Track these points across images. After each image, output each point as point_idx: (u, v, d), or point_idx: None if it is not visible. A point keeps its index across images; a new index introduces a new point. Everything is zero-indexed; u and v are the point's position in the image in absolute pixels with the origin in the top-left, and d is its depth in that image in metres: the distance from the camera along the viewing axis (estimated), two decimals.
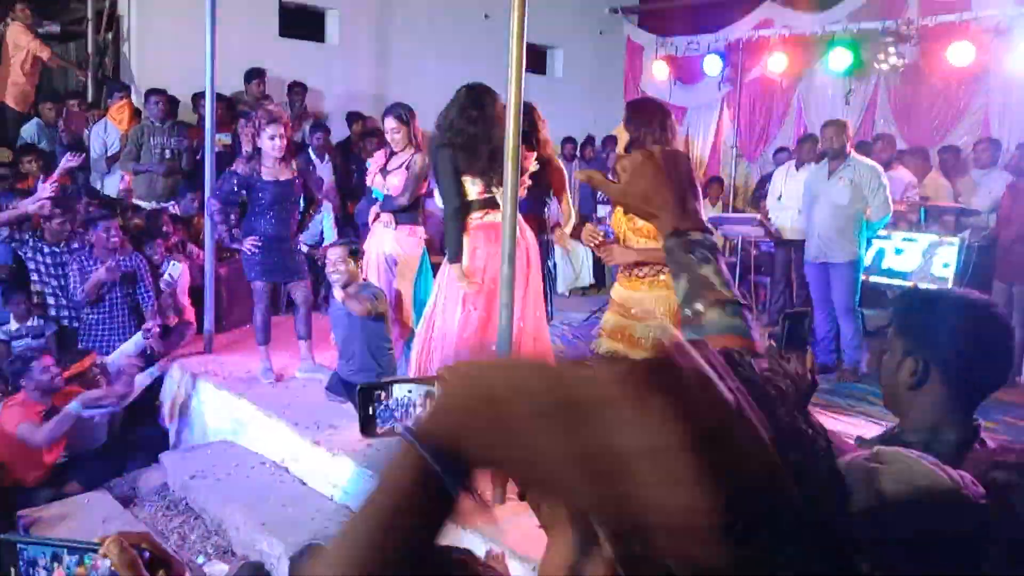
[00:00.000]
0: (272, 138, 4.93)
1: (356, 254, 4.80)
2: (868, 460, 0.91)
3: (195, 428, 5.36)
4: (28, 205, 5.23)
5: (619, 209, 3.65)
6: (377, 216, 5.03)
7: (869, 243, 6.04)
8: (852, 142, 5.99)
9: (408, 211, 4.95)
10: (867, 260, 6.04)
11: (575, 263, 8.58)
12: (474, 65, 9.24)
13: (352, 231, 7.05)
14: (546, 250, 4.75)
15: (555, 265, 8.04)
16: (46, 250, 5.53)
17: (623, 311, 3.57)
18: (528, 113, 4.14)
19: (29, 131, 7.36)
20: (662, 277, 3.46)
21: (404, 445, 0.58)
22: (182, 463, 4.78)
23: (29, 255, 5.53)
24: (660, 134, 3.49)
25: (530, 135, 4.16)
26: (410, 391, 1.18)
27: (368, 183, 5.27)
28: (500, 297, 3.53)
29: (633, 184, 1.11)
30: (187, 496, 4.52)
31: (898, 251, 6.43)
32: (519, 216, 4.01)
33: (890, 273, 6.44)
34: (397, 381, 1.21)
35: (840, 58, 8.47)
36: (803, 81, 9.37)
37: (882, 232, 6.23)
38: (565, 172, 4.71)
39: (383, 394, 1.17)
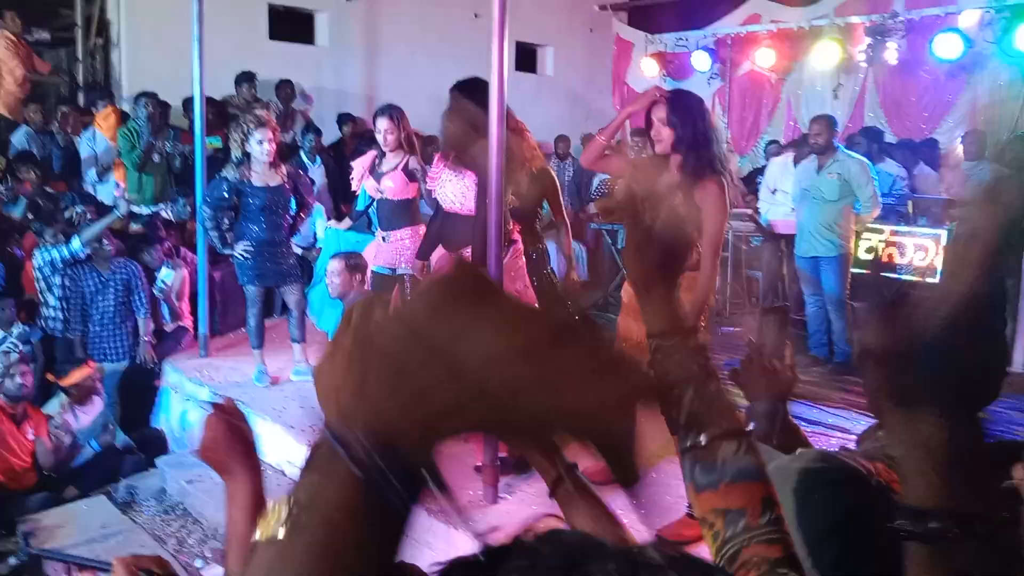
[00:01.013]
0: (260, 143, 4.95)
1: (356, 268, 4.73)
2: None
3: (191, 432, 5.38)
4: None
5: None
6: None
7: (859, 236, 6.09)
8: (841, 136, 6.04)
9: (404, 214, 4.86)
10: (857, 253, 6.08)
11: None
12: (464, 64, 9.22)
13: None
14: (543, 258, 4.56)
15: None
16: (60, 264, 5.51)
17: (633, 313, 3.47)
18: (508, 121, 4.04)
19: (19, 138, 7.30)
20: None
21: (327, 451, 0.49)
22: (179, 467, 4.80)
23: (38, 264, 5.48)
24: (705, 129, 3.30)
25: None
26: None
27: (354, 187, 5.21)
28: None
29: (628, 255, 0.94)
30: (184, 501, 4.55)
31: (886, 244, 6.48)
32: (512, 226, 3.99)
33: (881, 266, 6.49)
34: None
35: (827, 52, 8.52)
36: (792, 75, 9.41)
37: (872, 225, 6.28)
38: (556, 178, 4.57)
39: None
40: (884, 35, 8.07)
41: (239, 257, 5.08)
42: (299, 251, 5.74)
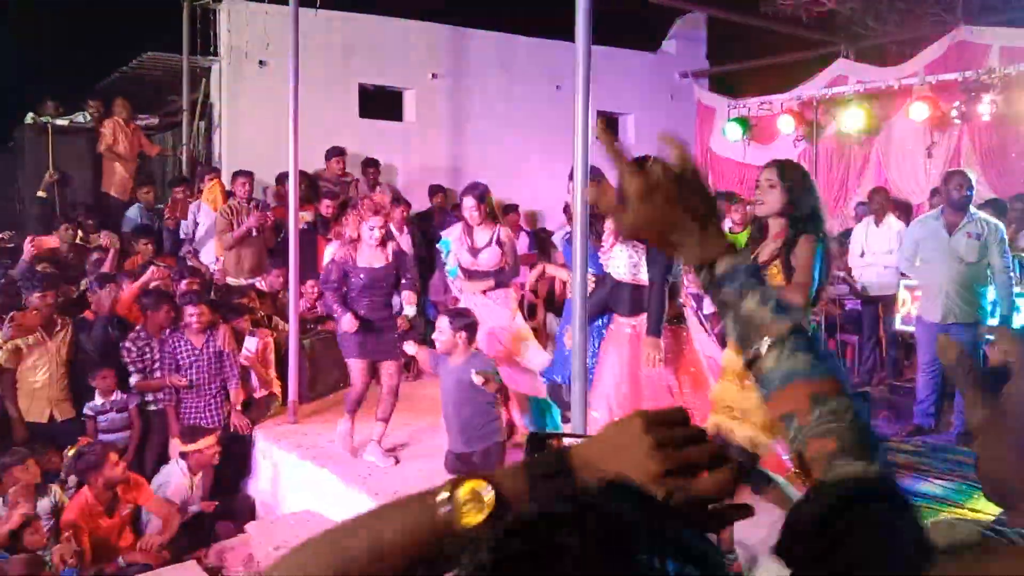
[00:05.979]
0: (372, 228, 5.12)
1: (463, 328, 4.60)
2: None
3: (280, 497, 5.44)
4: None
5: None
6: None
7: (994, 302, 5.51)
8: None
9: (504, 278, 5.16)
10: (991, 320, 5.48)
11: None
12: (546, 135, 9.44)
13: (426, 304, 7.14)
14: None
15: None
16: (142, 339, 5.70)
17: (731, 375, 3.39)
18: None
19: (133, 214, 7.86)
20: None
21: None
22: (267, 533, 4.84)
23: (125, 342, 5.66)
24: (811, 195, 3.40)
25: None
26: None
27: (450, 264, 5.31)
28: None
29: (643, 212, 0.95)
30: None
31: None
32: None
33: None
34: (568, 435, 1.23)
35: (918, 111, 8.29)
36: (881, 135, 9.18)
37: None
38: None
39: (553, 444, 1.19)
40: (979, 91, 7.82)
41: (341, 332, 5.17)
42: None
